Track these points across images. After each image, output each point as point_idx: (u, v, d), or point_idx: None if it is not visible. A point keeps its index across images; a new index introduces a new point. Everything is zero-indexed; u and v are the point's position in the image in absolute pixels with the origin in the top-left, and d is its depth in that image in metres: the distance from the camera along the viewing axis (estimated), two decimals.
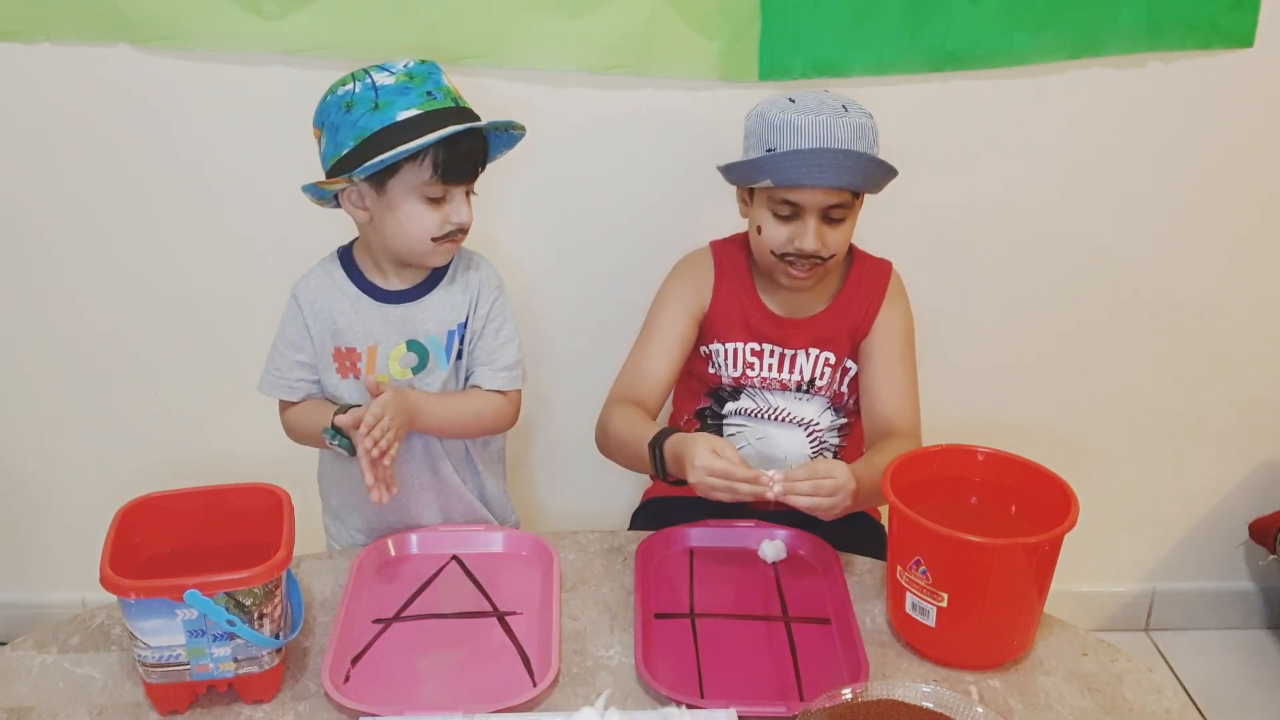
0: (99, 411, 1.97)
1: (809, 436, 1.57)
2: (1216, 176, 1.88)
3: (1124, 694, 1.18)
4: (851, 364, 1.57)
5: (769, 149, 1.42)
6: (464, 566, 1.38)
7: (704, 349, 1.58)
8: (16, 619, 2.02)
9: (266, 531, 1.18)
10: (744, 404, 1.57)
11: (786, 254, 1.46)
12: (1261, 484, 2.14)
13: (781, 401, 1.56)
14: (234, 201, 1.82)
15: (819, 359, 1.55)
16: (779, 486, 1.27)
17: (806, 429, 1.57)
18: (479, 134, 1.36)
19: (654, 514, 1.62)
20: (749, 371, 1.56)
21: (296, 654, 1.23)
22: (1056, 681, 1.20)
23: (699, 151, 1.81)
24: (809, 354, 1.55)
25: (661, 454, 1.38)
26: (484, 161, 1.39)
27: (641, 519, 1.67)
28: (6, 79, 1.73)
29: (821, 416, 1.57)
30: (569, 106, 1.76)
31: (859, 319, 1.55)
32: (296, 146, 1.39)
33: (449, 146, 1.31)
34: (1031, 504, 1.24)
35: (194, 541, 1.23)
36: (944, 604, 1.18)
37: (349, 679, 1.18)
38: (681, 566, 1.39)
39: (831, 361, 1.55)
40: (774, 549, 1.40)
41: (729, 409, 1.58)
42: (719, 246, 1.61)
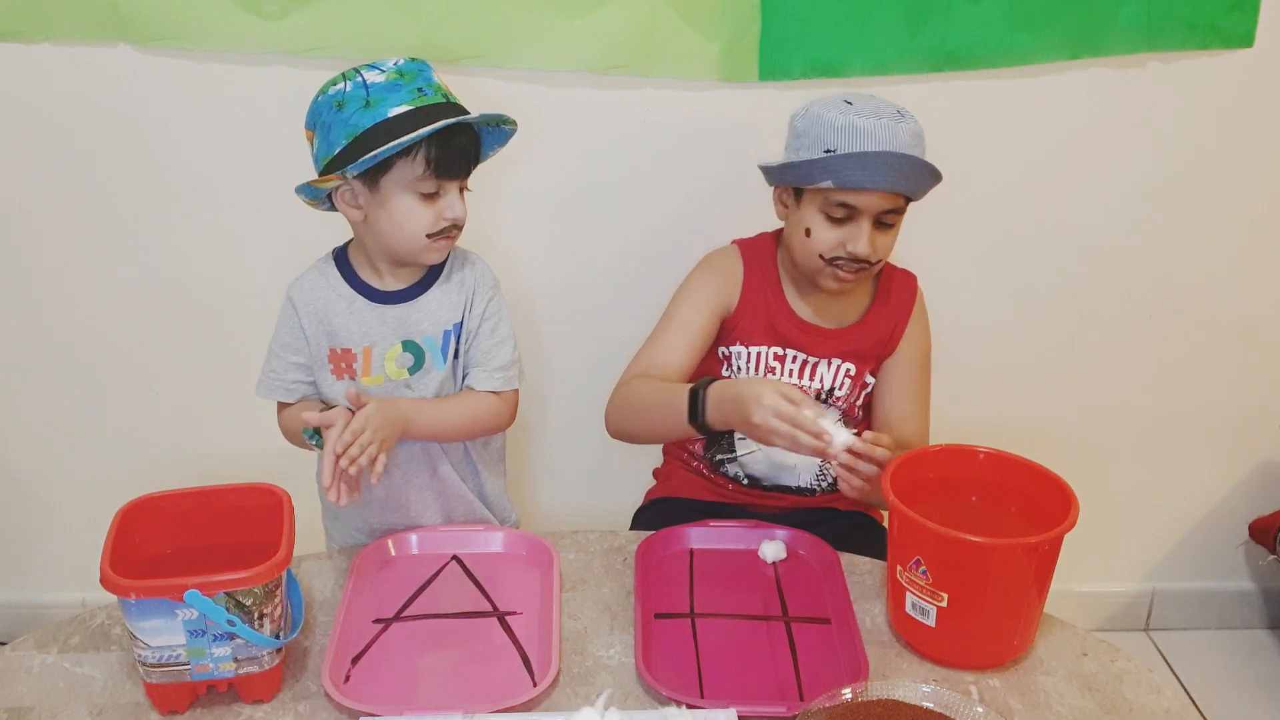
0: (99, 411, 1.97)
1: None
2: (1217, 177, 1.88)
3: (1124, 694, 1.18)
4: (870, 378, 1.55)
5: (827, 150, 1.38)
6: (464, 566, 1.38)
7: (722, 350, 1.55)
8: (16, 619, 2.02)
9: (266, 531, 1.18)
10: None
11: (836, 258, 1.43)
12: (1261, 484, 2.14)
13: None
14: (234, 201, 1.82)
15: (840, 369, 1.53)
16: (844, 456, 1.25)
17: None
18: (471, 129, 1.35)
19: (656, 515, 1.61)
20: (769, 376, 1.53)
21: (296, 654, 1.23)
22: (1056, 681, 1.20)
23: (699, 151, 1.82)
24: (830, 363, 1.53)
25: (703, 401, 1.33)
26: (477, 157, 1.39)
27: (644, 520, 1.66)
28: (6, 79, 1.73)
29: None
30: (569, 106, 1.76)
31: (886, 335, 1.54)
32: (297, 147, 1.38)
33: (441, 142, 1.31)
34: (1031, 504, 1.24)
35: (194, 541, 1.23)
36: (944, 604, 1.18)
37: (349, 679, 1.18)
38: (681, 566, 1.39)
39: (852, 374, 1.53)
40: (774, 549, 1.40)
41: None
42: (747, 247, 1.57)
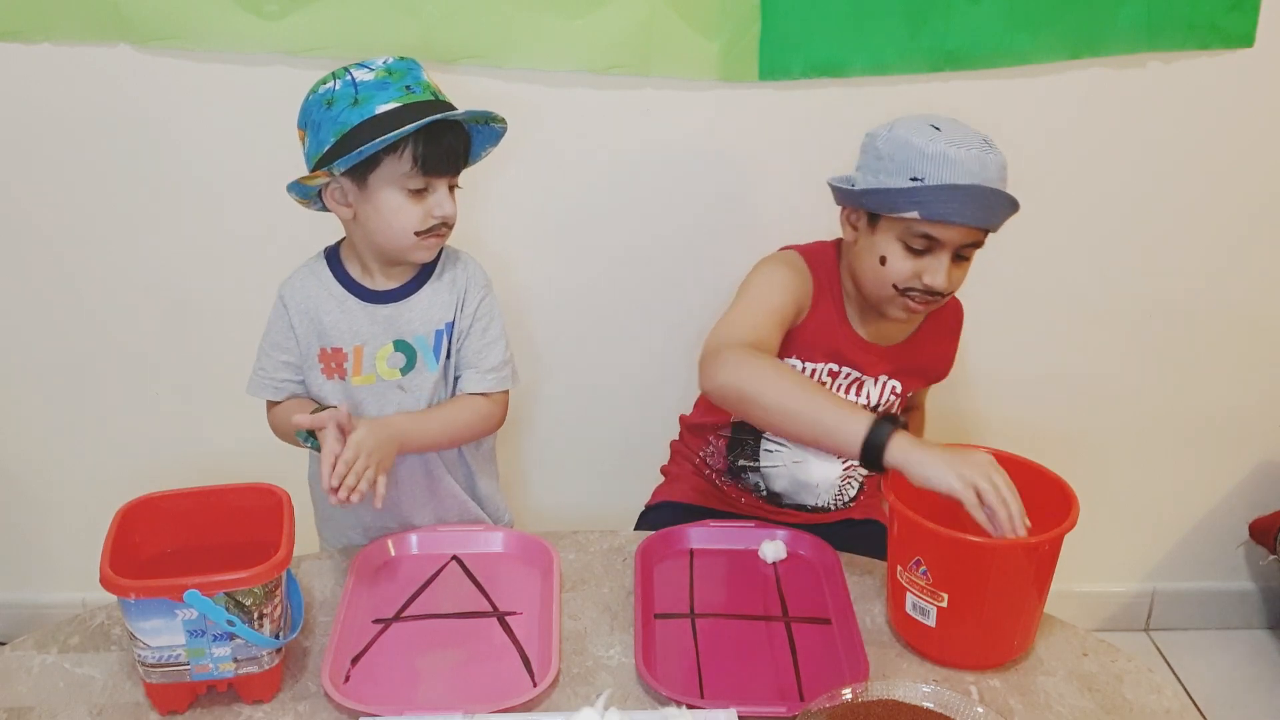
0: (99, 411, 1.98)
1: (845, 468, 1.52)
2: (1216, 176, 1.88)
3: (1124, 694, 1.18)
4: (910, 396, 1.54)
5: (914, 178, 1.31)
6: (464, 566, 1.38)
7: None
8: (16, 619, 2.02)
9: (266, 531, 1.18)
10: None
11: (910, 288, 1.37)
12: (1261, 484, 2.14)
13: None
14: (234, 201, 1.82)
15: (887, 387, 1.50)
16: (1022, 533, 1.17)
17: (845, 461, 1.50)
18: (460, 127, 1.35)
19: (662, 520, 1.57)
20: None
21: (296, 654, 1.23)
22: (1056, 681, 1.20)
23: (699, 151, 1.81)
24: (878, 381, 1.49)
25: (882, 438, 1.21)
26: (467, 155, 1.38)
27: (649, 524, 1.62)
28: (6, 79, 1.73)
29: None
30: (569, 106, 1.76)
31: (937, 357, 1.54)
32: (296, 147, 1.38)
33: (428, 139, 1.31)
34: (1031, 504, 1.23)
35: (194, 541, 1.23)
36: (944, 604, 1.18)
37: (349, 679, 1.18)
38: (681, 567, 1.39)
39: (899, 391, 1.50)
40: (774, 549, 1.40)
41: None
42: (815, 262, 1.48)
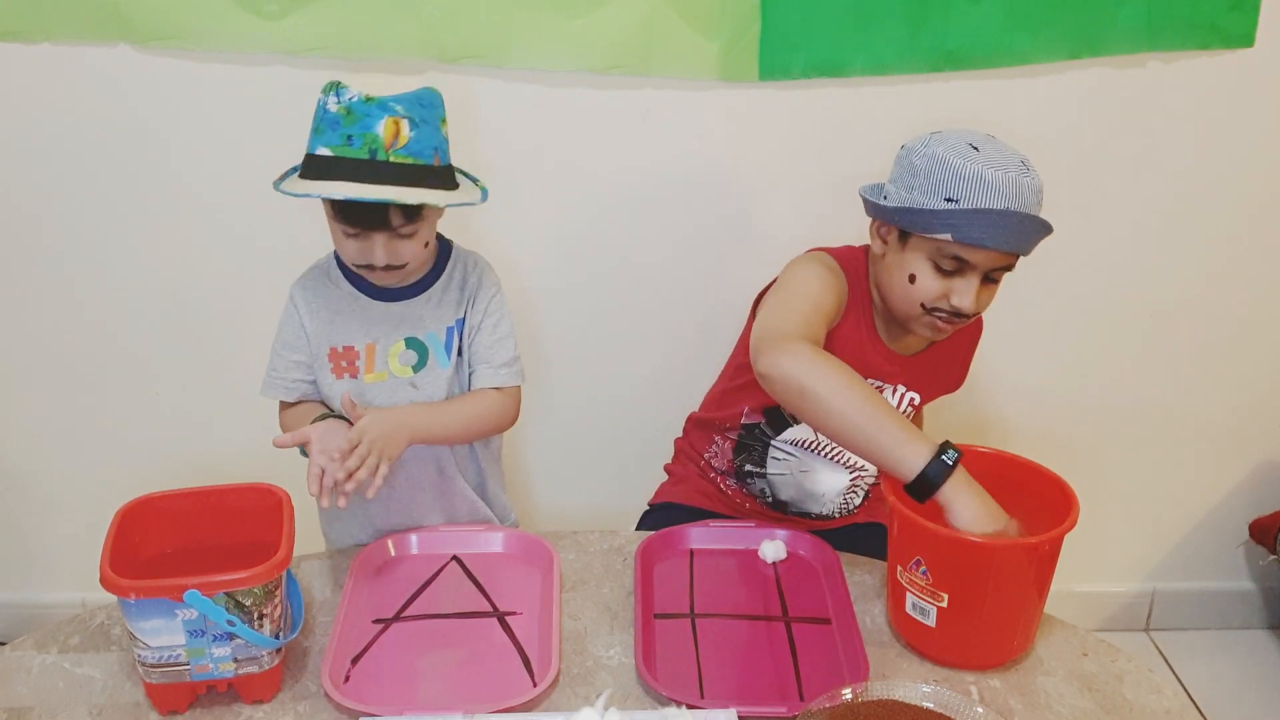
0: (99, 411, 1.97)
1: (852, 479, 1.52)
2: (1216, 176, 1.88)
3: (1124, 694, 1.18)
4: (924, 407, 1.54)
5: (948, 198, 1.28)
6: (464, 566, 1.38)
7: None
8: (16, 619, 2.02)
9: (266, 531, 1.18)
10: (801, 434, 1.49)
11: (937, 309, 1.35)
12: (1261, 484, 2.14)
13: None
14: (234, 201, 1.81)
15: (905, 397, 1.48)
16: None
17: (853, 471, 1.51)
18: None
19: (663, 521, 1.55)
20: None
21: (296, 654, 1.23)
22: (1056, 681, 1.20)
23: (699, 152, 1.81)
24: (896, 390, 1.47)
25: (939, 480, 1.17)
26: (408, 214, 1.30)
27: (650, 525, 1.60)
28: (6, 79, 1.73)
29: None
30: (569, 106, 1.76)
31: (955, 368, 1.53)
32: (297, 146, 1.38)
33: (345, 200, 1.27)
34: (1031, 504, 1.24)
35: (194, 541, 1.23)
36: (944, 604, 1.18)
37: (349, 679, 1.18)
38: (681, 567, 1.39)
39: (916, 402, 1.49)
40: (774, 549, 1.40)
41: (785, 435, 1.50)
42: (847, 267, 1.44)
